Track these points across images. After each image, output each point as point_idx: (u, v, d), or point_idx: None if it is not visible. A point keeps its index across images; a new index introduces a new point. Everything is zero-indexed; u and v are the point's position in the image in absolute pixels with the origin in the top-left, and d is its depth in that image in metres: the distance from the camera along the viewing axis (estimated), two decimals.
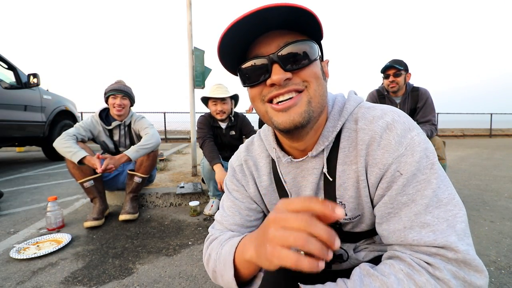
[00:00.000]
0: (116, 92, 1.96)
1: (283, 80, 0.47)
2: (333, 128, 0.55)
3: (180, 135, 10.45)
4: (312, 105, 0.48)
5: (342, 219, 0.58)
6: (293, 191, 0.62)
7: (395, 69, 2.08)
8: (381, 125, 0.50)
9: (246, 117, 2.34)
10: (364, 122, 0.52)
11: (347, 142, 0.54)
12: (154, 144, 1.96)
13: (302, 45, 0.48)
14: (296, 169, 0.60)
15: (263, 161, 0.66)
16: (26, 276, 1.23)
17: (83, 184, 1.85)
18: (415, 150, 0.47)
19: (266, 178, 0.65)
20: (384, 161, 0.49)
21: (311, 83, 0.48)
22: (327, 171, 0.55)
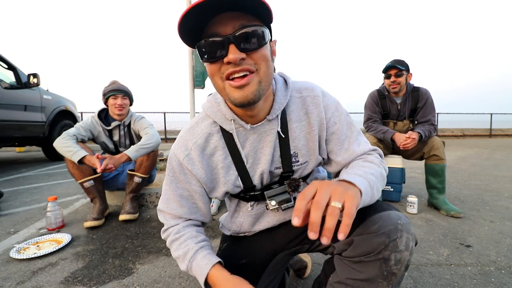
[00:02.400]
0: (116, 92, 1.96)
1: (239, 59, 0.54)
2: (284, 97, 0.69)
3: None
4: (262, 84, 0.58)
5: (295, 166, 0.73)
6: (250, 155, 0.71)
7: (397, 69, 2.08)
8: (318, 93, 0.71)
9: None
10: (306, 92, 0.72)
11: (295, 106, 0.71)
12: (154, 144, 1.96)
13: (255, 29, 0.55)
14: (253, 134, 0.69)
15: (214, 137, 0.71)
16: (26, 276, 1.23)
17: (83, 184, 1.85)
18: (336, 106, 0.73)
19: (221, 152, 0.71)
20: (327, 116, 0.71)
21: (261, 65, 0.57)
22: (281, 130, 0.69)
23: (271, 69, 0.60)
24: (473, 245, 1.49)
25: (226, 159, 0.71)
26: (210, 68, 0.59)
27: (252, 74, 0.56)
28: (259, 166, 0.71)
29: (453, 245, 1.49)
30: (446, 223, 1.82)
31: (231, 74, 0.56)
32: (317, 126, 0.70)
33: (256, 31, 0.55)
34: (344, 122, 0.72)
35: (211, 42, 0.55)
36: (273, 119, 0.68)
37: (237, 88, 0.56)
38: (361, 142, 0.72)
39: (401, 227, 0.58)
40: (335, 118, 0.71)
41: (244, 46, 0.54)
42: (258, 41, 0.55)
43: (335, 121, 0.71)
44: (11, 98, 3.49)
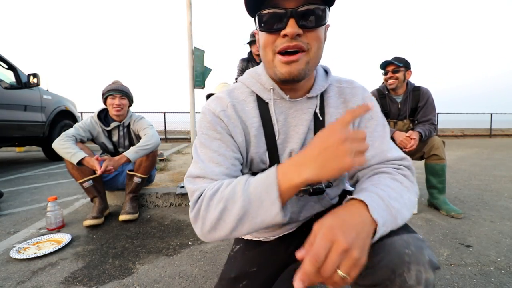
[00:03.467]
0: (114, 92, 1.95)
1: (295, 34, 0.54)
2: (324, 82, 0.69)
3: (180, 135, 10.45)
4: (309, 64, 0.58)
5: None
6: (282, 130, 0.67)
7: (394, 65, 2.08)
8: (360, 85, 0.71)
9: None
10: (346, 84, 0.71)
11: (333, 93, 0.70)
12: (154, 145, 1.96)
13: (317, 7, 0.55)
14: (289, 109, 0.67)
15: (250, 105, 0.68)
16: (26, 276, 1.23)
17: (83, 184, 1.85)
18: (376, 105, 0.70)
19: (256, 120, 0.67)
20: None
21: (313, 46, 0.57)
22: (319, 111, 0.67)
23: (321, 52, 0.60)
24: (473, 245, 1.49)
25: (259, 128, 0.67)
26: (265, 38, 0.59)
27: (303, 53, 0.57)
28: (289, 144, 0.67)
29: (453, 245, 1.49)
30: (446, 223, 1.82)
31: (284, 49, 0.56)
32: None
33: (317, 10, 0.55)
34: (380, 121, 0.68)
35: (272, 13, 0.56)
36: (312, 98, 0.67)
37: (285, 64, 0.57)
38: (392, 147, 0.66)
39: (409, 258, 0.47)
40: (373, 113, 0.67)
41: (303, 22, 0.55)
42: (317, 21, 0.55)
43: (372, 116, 0.67)
44: (11, 98, 3.49)
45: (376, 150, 0.64)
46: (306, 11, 0.54)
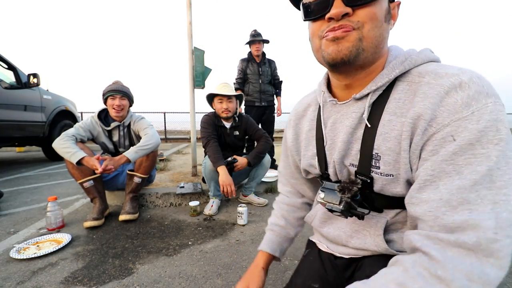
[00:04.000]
0: (114, 92, 1.95)
1: (341, 14, 0.46)
2: (387, 75, 0.50)
3: (180, 135, 10.45)
4: (363, 43, 0.47)
5: (375, 173, 0.53)
6: (329, 136, 0.61)
7: None
8: (452, 81, 0.42)
9: (250, 117, 2.34)
10: (432, 77, 0.46)
11: (403, 94, 0.49)
12: (154, 145, 1.96)
13: None
14: (337, 113, 0.59)
15: (311, 108, 0.68)
16: (26, 276, 1.23)
17: (83, 184, 1.85)
18: (483, 118, 0.39)
19: (308, 124, 0.68)
20: (439, 120, 0.42)
21: (366, 24, 0.47)
22: (367, 117, 0.52)
23: (380, 31, 0.48)
24: None
25: (310, 131, 0.66)
26: (312, 27, 0.53)
27: (353, 30, 0.47)
28: (333, 152, 0.60)
29: None
30: None
31: (329, 31, 0.48)
32: (410, 127, 0.46)
33: None
34: (471, 151, 0.39)
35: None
36: (362, 99, 0.54)
37: (331, 41, 0.48)
38: (469, 203, 0.38)
39: None
40: (459, 129, 0.40)
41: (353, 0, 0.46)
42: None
43: (452, 135, 0.40)
44: (11, 98, 3.48)
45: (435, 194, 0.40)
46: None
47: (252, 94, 3.21)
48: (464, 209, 0.37)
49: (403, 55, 0.51)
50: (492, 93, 0.41)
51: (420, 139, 0.45)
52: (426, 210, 0.41)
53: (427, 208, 0.41)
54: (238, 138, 2.26)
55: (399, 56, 0.52)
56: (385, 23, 0.49)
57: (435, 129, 0.43)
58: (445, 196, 0.39)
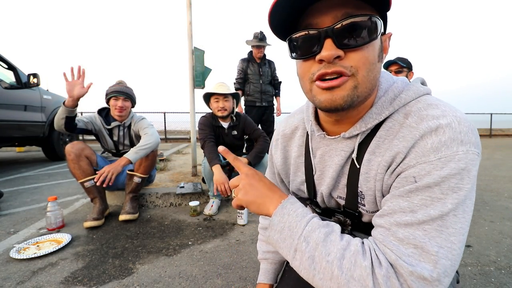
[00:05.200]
0: (118, 94, 1.96)
1: (333, 57, 0.43)
2: (377, 115, 0.49)
3: (180, 135, 10.45)
4: (358, 90, 0.45)
5: (361, 209, 0.55)
6: (318, 167, 0.60)
7: (398, 65, 2.09)
8: (430, 126, 0.42)
9: (248, 117, 2.34)
10: (415, 120, 0.45)
11: (385, 133, 0.49)
12: (153, 144, 1.96)
13: (363, 19, 0.42)
14: (326, 146, 0.58)
15: (299, 133, 0.67)
16: (26, 276, 1.23)
17: (84, 184, 1.85)
18: (448, 166, 0.39)
19: (296, 149, 0.66)
20: (407, 161, 0.43)
21: (360, 70, 0.44)
22: (356, 157, 0.52)
23: (373, 73, 0.46)
24: (473, 245, 1.49)
25: (299, 157, 0.66)
26: (301, 67, 0.49)
27: (347, 77, 0.44)
28: (322, 183, 0.60)
29: None
30: None
31: (321, 76, 0.45)
32: (384, 168, 0.48)
33: (363, 22, 0.42)
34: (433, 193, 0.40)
35: (304, 36, 0.46)
36: (351, 138, 0.53)
37: (325, 90, 0.45)
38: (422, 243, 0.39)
39: None
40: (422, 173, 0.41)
41: (345, 42, 0.43)
42: (364, 36, 0.43)
43: (414, 176, 0.42)
44: (11, 98, 3.49)
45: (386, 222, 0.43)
46: (348, 26, 0.42)
47: (253, 94, 3.21)
48: (410, 243, 0.39)
49: (392, 92, 0.50)
50: (468, 141, 0.41)
51: (389, 179, 0.47)
52: (378, 233, 0.44)
53: (379, 232, 0.44)
54: (237, 138, 2.26)
55: (388, 92, 0.51)
56: (379, 63, 0.47)
57: (401, 169, 0.44)
58: (394, 227, 0.41)
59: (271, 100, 3.37)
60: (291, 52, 0.50)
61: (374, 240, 0.44)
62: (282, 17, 0.46)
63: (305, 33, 0.45)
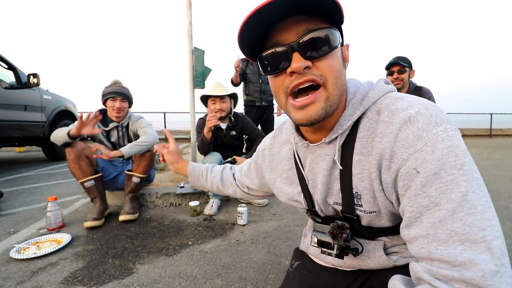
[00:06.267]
0: (116, 95, 1.95)
1: (303, 68, 0.47)
2: (350, 116, 0.53)
3: (180, 135, 10.45)
4: (330, 100, 0.48)
5: (359, 211, 0.55)
6: (309, 176, 0.62)
7: (400, 66, 2.10)
8: (403, 117, 0.46)
9: (246, 117, 2.35)
10: (387, 114, 0.49)
11: (366, 132, 0.52)
12: (151, 143, 1.95)
13: (323, 32, 0.47)
14: (311, 154, 0.60)
15: (287, 147, 0.70)
16: (26, 276, 1.23)
17: (84, 183, 1.85)
18: (436, 147, 0.41)
19: (286, 163, 0.69)
20: (398, 156, 0.45)
21: (329, 77, 0.48)
22: (340, 159, 0.54)
23: (341, 80, 0.50)
24: None
25: (290, 170, 0.68)
26: (274, 82, 0.53)
27: (318, 90, 0.48)
28: (316, 191, 0.62)
29: None
30: None
31: (296, 87, 0.49)
32: (376, 167, 0.49)
33: (323, 36, 0.47)
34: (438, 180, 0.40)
35: (273, 53, 0.50)
36: (332, 142, 0.56)
37: (299, 109, 0.49)
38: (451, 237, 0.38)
39: None
40: (418, 161, 0.42)
41: (310, 53, 0.47)
42: (326, 46, 0.47)
43: (415, 168, 0.42)
44: (11, 98, 3.49)
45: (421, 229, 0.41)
46: (311, 40, 0.47)
47: (252, 94, 3.21)
48: (455, 241, 0.38)
49: (360, 93, 0.54)
50: (442, 121, 0.43)
51: (388, 177, 0.47)
52: (418, 247, 0.42)
53: (418, 244, 0.42)
54: (235, 138, 2.26)
55: (356, 94, 0.54)
56: (344, 69, 0.52)
57: (397, 165, 0.45)
58: (431, 230, 0.40)
59: (271, 100, 3.37)
60: (263, 70, 0.53)
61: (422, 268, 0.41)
62: (251, 39, 0.50)
63: (273, 50, 0.49)
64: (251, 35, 0.49)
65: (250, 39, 0.50)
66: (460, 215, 0.38)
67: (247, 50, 0.53)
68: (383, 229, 0.58)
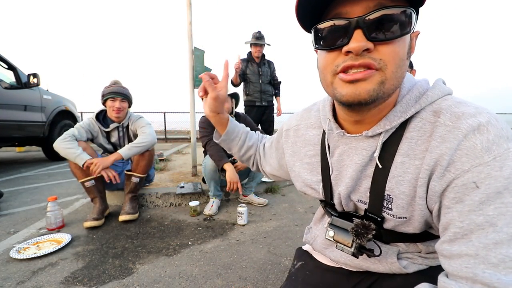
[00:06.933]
0: (115, 95, 1.95)
1: (362, 49, 0.40)
2: (402, 113, 0.47)
3: (180, 135, 10.45)
4: (385, 86, 0.42)
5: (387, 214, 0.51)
6: (335, 167, 0.57)
7: None
8: (470, 124, 0.40)
9: (247, 116, 2.35)
10: (449, 117, 0.42)
11: (417, 133, 0.46)
12: (148, 144, 1.95)
13: (398, 11, 0.40)
14: (345, 145, 0.55)
15: (315, 131, 0.64)
16: (26, 276, 1.23)
17: (84, 183, 1.85)
18: (506, 164, 0.36)
19: (312, 148, 0.64)
20: (458, 165, 0.39)
21: (389, 64, 0.41)
22: (378, 157, 0.49)
23: (402, 70, 0.43)
24: None
25: (314, 157, 0.63)
26: (324, 58, 0.46)
27: (374, 70, 0.42)
28: (340, 183, 0.57)
29: None
30: None
31: (348, 68, 0.42)
32: (426, 173, 0.44)
33: (397, 16, 0.40)
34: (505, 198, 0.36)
35: (331, 26, 0.43)
36: (374, 137, 0.50)
37: (348, 83, 0.43)
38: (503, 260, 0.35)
39: None
40: (481, 176, 0.37)
41: (375, 34, 0.40)
42: (397, 29, 0.40)
43: (475, 181, 0.38)
44: (11, 98, 3.48)
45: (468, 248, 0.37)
46: (381, 18, 0.40)
47: (252, 94, 3.22)
48: (508, 267, 0.34)
49: (417, 90, 0.48)
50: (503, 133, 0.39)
51: (438, 185, 0.42)
52: (461, 265, 0.38)
53: (462, 263, 0.38)
54: None
55: (412, 90, 0.49)
56: (407, 60, 0.44)
57: (454, 175, 0.40)
58: (482, 252, 0.36)
59: (271, 100, 3.38)
60: (315, 42, 0.47)
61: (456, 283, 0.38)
62: (310, 5, 0.44)
63: (333, 23, 0.43)
64: (311, 0, 0.43)
65: (310, 5, 0.44)
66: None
67: (303, 18, 0.46)
68: (404, 235, 0.53)
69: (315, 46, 0.47)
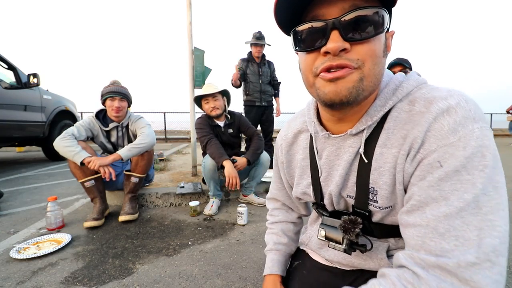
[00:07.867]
0: (114, 94, 1.95)
1: (339, 49, 0.42)
2: (381, 107, 0.49)
3: (180, 135, 10.45)
4: (363, 83, 0.44)
5: (373, 207, 0.53)
6: (324, 168, 0.59)
7: (402, 66, 2.11)
8: (440, 107, 0.42)
9: (243, 115, 2.36)
10: (423, 104, 0.45)
11: (392, 123, 0.48)
12: (148, 144, 1.95)
13: (371, 11, 0.42)
14: (331, 146, 0.57)
15: (303, 135, 0.66)
16: (26, 276, 1.23)
17: (84, 183, 1.85)
18: (469, 144, 0.39)
19: (301, 152, 0.66)
20: (426, 146, 0.42)
21: (367, 62, 0.43)
22: (363, 152, 0.51)
23: (379, 68, 0.45)
24: None
25: (304, 160, 0.65)
26: (305, 60, 0.48)
27: (353, 69, 0.44)
28: (330, 184, 0.59)
29: None
30: None
31: (327, 69, 0.44)
32: (404, 158, 0.46)
33: (371, 16, 0.42)
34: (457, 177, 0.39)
35: (309, 28, 0.45)
36: (357, 134, 0.52)
37: (329, 82, 0.44)
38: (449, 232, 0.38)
39: None
40: (446, 156, 0.40)
41: (352, 35, 0.42)
42: (371, 29, 0.42)
43: (439, 161, 0.40)
44: (11, 98, 3.49)
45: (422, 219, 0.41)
46: (355, 19, 0.42)
47: (252, 94, 3.22)
48: (451, 235, 0.38)
49: (393, 83, 0.51)
50: (479, 118, 0.41)
51: (410, 167, 0.45)
52: (414, 234, 0.42)
53: (414, 232, 0.42)
54: (233, 136, 2.28)
55: (389, 84, 0.51)
56: (383, 58, 0.47)
57: (422, 155, 0.43)
58: (432, 222, 0.40)
59: (271, 100, 3.38)
60: (295, 45, 0.49)
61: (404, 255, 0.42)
62: (288, 10, 0.46)
63: (311, 25, 0.44)
64: (288, 5, 0.44)
65: (288, 10, 0.45)
66: (463, 214, 0.38)
67: (282, 22, 0.48)
68: (394, 229, 0.55)
69: (295, 48, 0.49)
